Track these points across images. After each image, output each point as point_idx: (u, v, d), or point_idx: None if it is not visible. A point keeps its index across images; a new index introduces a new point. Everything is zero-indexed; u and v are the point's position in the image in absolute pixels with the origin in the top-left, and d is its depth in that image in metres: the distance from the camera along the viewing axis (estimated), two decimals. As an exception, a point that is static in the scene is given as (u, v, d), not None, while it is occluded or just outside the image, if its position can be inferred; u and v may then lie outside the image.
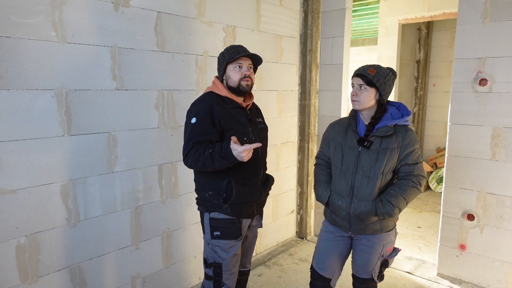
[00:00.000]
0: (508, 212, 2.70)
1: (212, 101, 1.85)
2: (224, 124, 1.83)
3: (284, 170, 3.58)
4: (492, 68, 2.66)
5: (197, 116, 1.81)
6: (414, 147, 1.86)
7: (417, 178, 1.85)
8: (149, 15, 2.33)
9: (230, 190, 1.85)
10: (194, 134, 1.79)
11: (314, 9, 3.47)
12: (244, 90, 1.91)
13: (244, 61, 1.91)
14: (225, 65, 1.91)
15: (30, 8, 1.83)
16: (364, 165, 1.85)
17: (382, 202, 1.82)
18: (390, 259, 1.96)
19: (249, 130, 1.92)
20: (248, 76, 1.90)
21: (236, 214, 1.88)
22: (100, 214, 2.22)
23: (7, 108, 1.81)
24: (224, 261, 1.90)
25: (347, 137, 1.93)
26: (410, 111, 1.91)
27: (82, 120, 2.07)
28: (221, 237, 1.89)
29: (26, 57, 1.84)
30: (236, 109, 1.91)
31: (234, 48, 1.92)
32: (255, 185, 1.95)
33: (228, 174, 1.85)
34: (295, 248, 3.58)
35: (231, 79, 1.90)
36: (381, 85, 1.82)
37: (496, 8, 2.59)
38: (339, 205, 1.91)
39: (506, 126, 2.64)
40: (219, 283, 1.92)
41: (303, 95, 3.63)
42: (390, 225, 1.93)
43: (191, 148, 1.77)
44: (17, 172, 1.87)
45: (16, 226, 1.90)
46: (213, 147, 1.75)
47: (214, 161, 1.73)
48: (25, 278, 1.96)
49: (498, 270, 2.78)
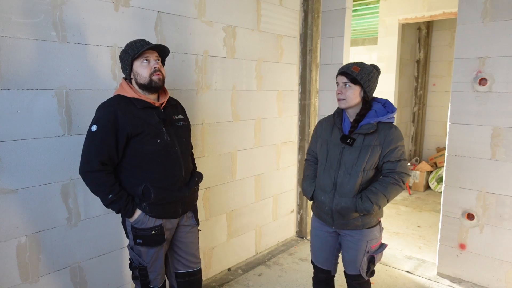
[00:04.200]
0: (508, 211, 2.70)
1: (116, 107, 1.74)
2: (131, 130, 1.74)
3: (284, 169, 3.58)
4: (492, 67, 2.66)
5: (97, 124, 1.73)
6: (397, 144, 1.86)
7: (399, 175, 1.86)
8: (149, 15, 2.33)
9: (148, 195, 1.81)
10: (93, 150, 1.72)
11: (314, 8, 3.47)
12: (156, 86, 1.80)
13: (151, 54, 1.79)
14: (130, 62, 1.78)
15: (31, 8, 1.84)
16: (346, 161, 1.87)
17: (361, 199, 1.84)
18: (376, 255, 1.97)
19: (163, 131, 1.82)
20: (158, 69, 1.79)
21: (155, 213, 1.84)
22: (100, 213, 2.22)
23: (8, 107, 1.81)
24: (148, 264, 1.90)
25: (332, 134, 1.96)
26: (395, 108, 1.92)
27: (83, 120, 2.07)
28: (144, 244, 1.86)
29: (26, 57, 1.85)
30: (147, 110, 1.81)
31: (137, 42, 1.79)
32: (175, 187, 1.88)
33: (144, 179, 1.81)
34: (295, 248, 3.59)
35: (141, 76, 1.78)
36: (365, 82, 1.85)
37: (496, 8, 2.59)
38: (322, 200, 1.96)
39: (506, 126, 2.64)
40: (146, 282, 1.93)
41: (303, 95, 3.63)
42: (373, 221, 1.94)
43: (96, 171, 1.72)
44: (17, 171, 1.87)
45: (16, 226, 1.90)
46: (118, 196, 1.75)
47: (109, 205, 1.77)
48: (26, 278, 1.96)
49: (498, 270, 2.78)
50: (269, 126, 3.37)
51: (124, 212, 1.79)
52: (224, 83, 2.88)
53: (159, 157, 1.82)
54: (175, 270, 2.06)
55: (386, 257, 3.40)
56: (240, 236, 3.23)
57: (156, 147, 1.80)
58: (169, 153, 1.85)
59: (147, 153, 1.80)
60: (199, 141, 2.74)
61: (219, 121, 2.88)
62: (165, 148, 1.83)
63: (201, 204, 2.84)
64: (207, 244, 2.94)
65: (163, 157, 1.83)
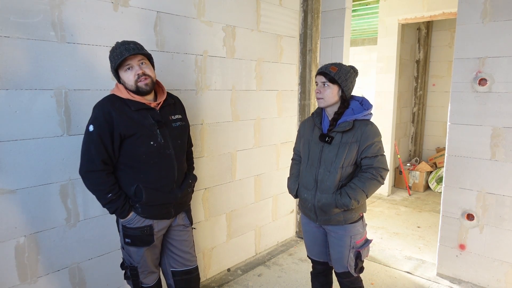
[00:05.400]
0: (507, 212, 2.70)
1: (111, 107, 1.74)
2: (124, 131, 1.74)
3: (284, 170, 3.58)
4: (492, 68, 2.65)
5: (94, 124, 1.72)
6: (373, 140, 1.90)
7: (377, 170, 1.90)
8: (149, 15, 2.32)
9: (140, 195, 1.81)
10: (94, 150, 1.72)
11: (314, 9, 3.46)
12: (144, 91, 1.78)
13: (132, 60, 1.75)
14: (115, 71, 1.78)
15: (29, 8, 1.83)
16: (326, 159, 1.93)
17: (340, 195, 1.90)
18: (362, 250, 2.00)
19: (157, 133, 1.81)
20: (143, 74, 1.75)
21: (147, 214, 1.84)
22: (99, 214, 2.21)
23: (6, 108, 1.81)
24: (138, 264, 1.91)
25: (313, 133, 2.03)
26: (371, 105, 1.98)
27: (82, 120, 2.07)
28: (132, 244, 1.87)
29: (25, 57, 1.84)
30: (141, 111, 1.79)
31: (117, 49, 1.74)
32: (168, 188, 1.88)
33: (137, 179, 1.81)
34: (295, 248, 3.58)
35: (127, 83, 1.77)
36: (343, 81, 1.91)
37: (496, 8, 2.59)
38: (305, 198, 2.02)
39: (506, 126, 2.64)
40: (137, 282, 1.95)
41: (303, 95, 3.63)
42: (355, 217, 1.98)
43: (98, 170, 1.74)
44: (16, 172, 1.87)
45: (15, 226, 1.89)
46: (117, 195, 1.77)
47: (106, 204, 1.78)
48: (25, 278, 1.95)
49: (497, 270, 2.78)
50: (269, 126, 3.36)
51: (120, 211, 1.79)
52: (223, 83, 2.87)
53: (152, 158, 1.82)
54: (172, 269, 2.06)
55: (386, 257, 3.39)
56: (240, 237, 3.22)
57: (149, 148, 1.80)
58: (163, 155, 1.84)
59: (140, 154, 1.80)
60: (198, 141, 2.74)
61: (218, 121, 2.88)
62: (159, 150, 1.83)
63: (201, 204, 2.84)
64: (206, 245, 2.93)
65: (156, 158, 1.83)
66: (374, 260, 3.33)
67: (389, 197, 5.34)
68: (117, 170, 1.83)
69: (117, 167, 1.83)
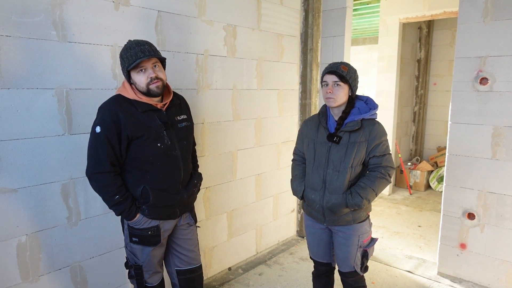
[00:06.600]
0: (508, 211, 2.69)
1: (117, 108, 1.73)
2: (132, 132, 1.73)
3: (284, 169, 3.58)
4: (493, 67, 2.65)
5: (101, 125, 1.71)
6: (381, 139, 1.91)
7: (385, 169, 1.91)
8: (150, 14, 2.33)
9: (147, 197, 1.80)
10: (102, 151, 1.71)
11: (315, 8, 3.46)
12: (155, 93, 1.77)
13: (146, 63, 1.73)
14: (127, 71, 1.75)
15: (31, 7, 1.83)
16: (334, 159, 1.92)
17: (351, 195, 1.89)
18: (369, 249, 2.02)
19: (164, 134, 1.81)
20: (155, 77, 1.75)
21: (153, 216, 1.84)
22: (101, 213, 2.22)
23: (8, 107, 1.81)
24: (143, 263, 1.91)
25: (318, 133, 2.01)
26: (377, 105, 1.98)
27: (83, 119, 2.07)
28: (139, 243, 1.87)
29: (26, 56, 1.84)
30: (148, 113, 1.78)
31: (132, 50, 1.71)
32: (174, 189, 1.88)
33: (143, 180, 1.81)
34: (296, 247, 3.59)
35: (138, 85, 1.75)
36: (353, 81, 1.92)
37: (497, 7, 2.59)
38: (313, 199, 2.00)
39: (507, 125, 2.63)
40: (141, 282, 1.95)
41: (303, 94, 3.63)
42: (362, 216, 1.99)
43: (107, 172, 1.73)
44: (17, 171, 1.87)
45: (17, 225, 1.90)
46: (124, 197, 1.76)
47: (113, 206, 1.77)
48: (26, 277, 1.96)
49: (498, 269, 2.78)
50: (270, 125, 3.36)
51: (127, 213, 1.79)
52: (224, 82, 2.88)
53: (159, 160, 1.82)
54: (176, 267, 2.07)
55: (387, 256, 3.39)
56: (241, 236, 3.23)
57: (156, 150, 1.80)
58: (169, 156, 1.84)
59: (147, 156, 1.79)
60: (199, 141, 2.74)
61: (219, 121, 2.88)
62: (166, 152, 1.83)
63: (202, 203, 2.84)
64: (207, 244, 2.94)
65: (163, 160, 1.83)
66: (375, 259, 3.33)
67: (390, 196, 5.34)
68: (123, 171, 1.83)
69: (123, 169, 1.83)
